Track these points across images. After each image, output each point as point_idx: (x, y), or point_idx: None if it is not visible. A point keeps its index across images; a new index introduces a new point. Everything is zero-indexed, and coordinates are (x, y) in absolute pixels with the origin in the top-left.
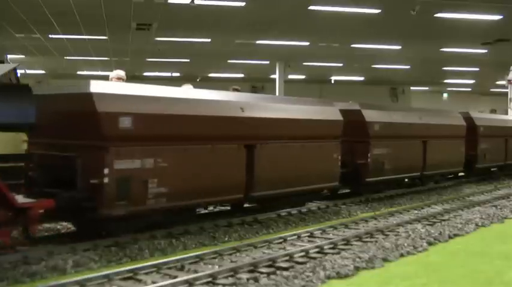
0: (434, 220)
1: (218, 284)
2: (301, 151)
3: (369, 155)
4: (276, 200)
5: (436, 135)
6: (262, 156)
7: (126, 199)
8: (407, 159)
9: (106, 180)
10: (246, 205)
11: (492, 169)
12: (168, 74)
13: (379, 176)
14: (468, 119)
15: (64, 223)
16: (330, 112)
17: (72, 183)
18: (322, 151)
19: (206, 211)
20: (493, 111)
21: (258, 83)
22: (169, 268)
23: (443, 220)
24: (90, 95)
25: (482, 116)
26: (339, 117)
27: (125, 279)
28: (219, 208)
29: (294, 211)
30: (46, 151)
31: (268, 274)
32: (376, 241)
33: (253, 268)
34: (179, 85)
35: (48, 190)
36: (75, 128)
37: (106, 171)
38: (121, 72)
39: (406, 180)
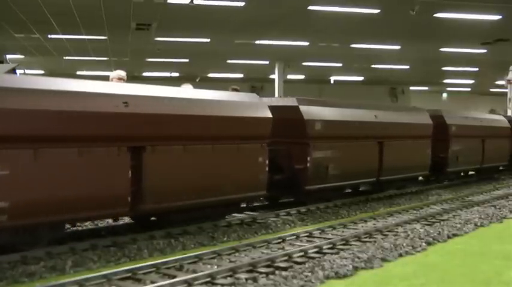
0: (433, 220)
1: (217, 284)
2: (212, 154)
3: (308, 158)
4: (182, 214)
5: (395, 135)
6: (155, 161)
7: None
8: (359, 163)
9: None
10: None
11: (470, 173)
12: (168, 74)
13: (322, 183)
14: (438, 117)
15: None
16: (255, 108)
17: None
18: (241, 155)
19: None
20: (492, 111)
21: (257, 83)
22: (168, 268)
23: (442, 220)
24: None
25: (455, 114)
26: (267, 114)
27: (123, 279)
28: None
29: (293, 210)
30: None
31: (267, 274)
32: (375, 241)
33: (252, 268)
34: (178, 85)
35: None
36: None
37: None
38: (122, 73)
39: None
